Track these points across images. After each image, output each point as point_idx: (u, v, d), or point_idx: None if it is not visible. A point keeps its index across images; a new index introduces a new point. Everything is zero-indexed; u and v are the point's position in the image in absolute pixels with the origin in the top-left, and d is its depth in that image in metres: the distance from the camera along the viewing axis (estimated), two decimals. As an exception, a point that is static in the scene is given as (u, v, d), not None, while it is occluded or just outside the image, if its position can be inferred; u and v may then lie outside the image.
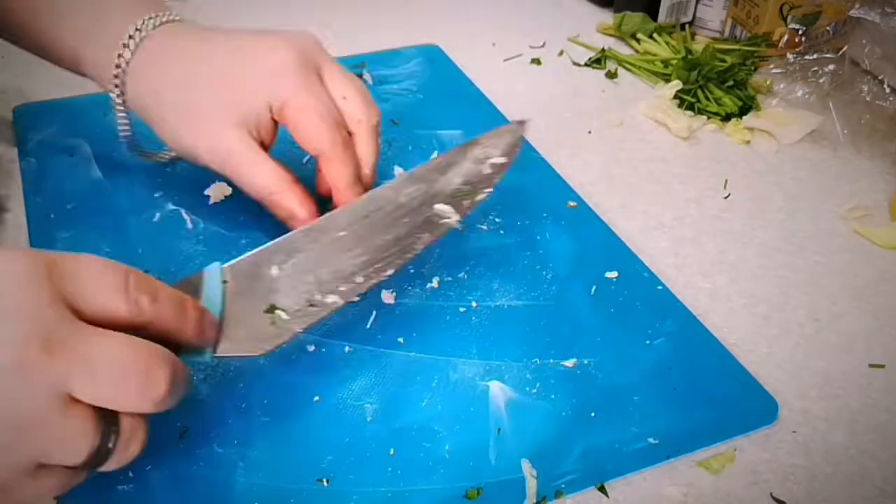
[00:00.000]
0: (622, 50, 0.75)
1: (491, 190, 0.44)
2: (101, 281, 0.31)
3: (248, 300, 0.38)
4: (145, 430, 0.32)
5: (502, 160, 0.45)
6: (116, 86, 0.46)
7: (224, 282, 0.38)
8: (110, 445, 0.31)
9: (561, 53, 0.75)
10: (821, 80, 0.68)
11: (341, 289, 0.40)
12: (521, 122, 0.47)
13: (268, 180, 0.45)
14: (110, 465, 0.32)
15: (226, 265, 0.39)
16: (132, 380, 0.30)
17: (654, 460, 0.39)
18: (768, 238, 0.54)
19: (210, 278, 0.38)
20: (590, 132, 0.64)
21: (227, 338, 0.37)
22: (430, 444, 0.38)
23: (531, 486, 0.37)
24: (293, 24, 0.48)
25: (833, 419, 0.42)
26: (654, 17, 0.77)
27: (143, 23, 0.45)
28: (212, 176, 0.53)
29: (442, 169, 0.45)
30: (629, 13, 0.76)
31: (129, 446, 0.32)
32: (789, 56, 0.70)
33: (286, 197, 0.45)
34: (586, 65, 0.73)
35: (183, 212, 0.50)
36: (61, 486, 0.31)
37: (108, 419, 0.31)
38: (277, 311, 0.38)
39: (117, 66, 0.45)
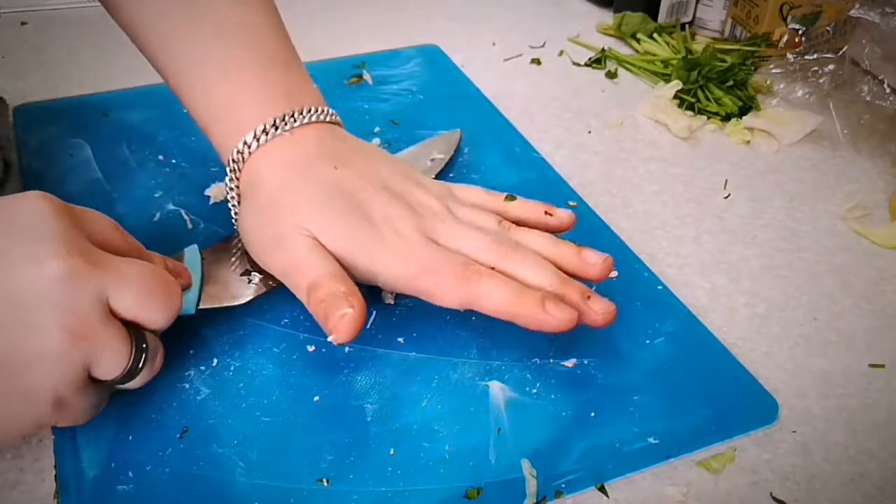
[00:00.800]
0: (622, 50, 0.75)
1: (433, 177, 0.53)
2: (101, 219, 0.37)
3: (225, 269, 0.44)
4: (163, 351, 0.38)
5: (441, 156, 0.56)
6: (231, 170, 0.43)
7: (202, 258, 0.43)
8: (141, 363, 0.36)
9: (561, 53, 0.75)
10: (821, 80, 0.68)
11: None
12: (458, 131, 0.58)
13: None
14: (137, 382, 0.37)
15: (201, 249, 0.44)
16: (156, 293, 0.36)
17: (654, 460, 0.39)
18: (768, 238, 0.54)
19: (190, 253, 0.43)
20: (590, 132, 0.64)
21: (208, 294, 0.42)
22: (430, 444, 0.38)
23: (531, 485, 0.37)
24: (293, 25, 0.48)
25: (833, 419, 0.42)
26: (654, 17, 0.77)
27: (272, 123, 0.42)
28: (212, 176, 0.53)
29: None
30: (629, 13, 0.76)
31: (154, 362, 0.37)
32: (789, 56, 0.70)
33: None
34: (586, 65, 0.73)
35: (183, 212, 0.50)
36: (96, 406, 0.36)
37: (136, 336, 0.35)
38: (253, 274, 0.44)
39: (235, 157, 0.43)
